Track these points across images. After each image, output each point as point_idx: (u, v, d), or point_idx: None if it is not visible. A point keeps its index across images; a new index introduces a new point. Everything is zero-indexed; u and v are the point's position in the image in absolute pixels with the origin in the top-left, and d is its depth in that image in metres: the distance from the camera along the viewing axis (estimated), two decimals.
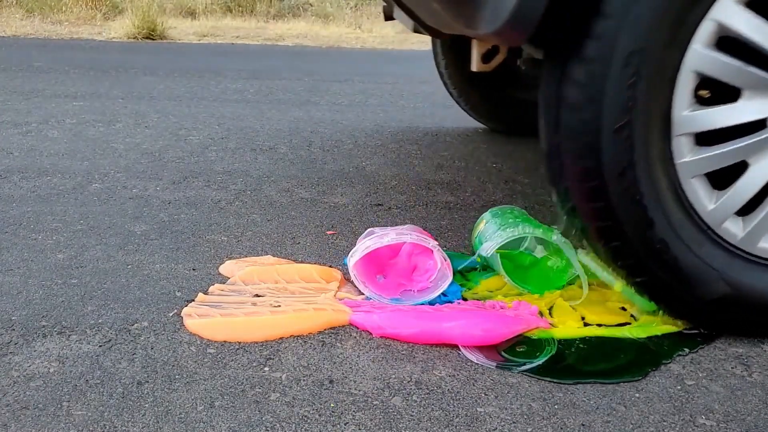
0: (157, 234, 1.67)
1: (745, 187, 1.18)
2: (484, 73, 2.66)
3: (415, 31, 1.78)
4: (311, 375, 1.09)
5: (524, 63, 2.08)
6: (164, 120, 3.00)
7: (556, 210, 1.93)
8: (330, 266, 1.50)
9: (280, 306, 1.28)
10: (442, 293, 1.33)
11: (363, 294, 1.33)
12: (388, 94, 3.91)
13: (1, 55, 4.95)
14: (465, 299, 1.35)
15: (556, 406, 1.03)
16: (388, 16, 2.54)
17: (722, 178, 1.20)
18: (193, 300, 1.32)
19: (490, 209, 1.54)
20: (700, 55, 1.12)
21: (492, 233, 1.40)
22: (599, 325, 1.27)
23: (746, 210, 1.21)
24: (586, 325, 1.27)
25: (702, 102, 1.18)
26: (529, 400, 1.04)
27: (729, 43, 1.13)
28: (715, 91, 1.19)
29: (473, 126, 3.09)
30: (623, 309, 1.32)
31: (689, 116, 1.15)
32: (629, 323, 1.27)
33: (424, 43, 7.15)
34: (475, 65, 1.43)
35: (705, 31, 1.12)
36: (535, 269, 1.45)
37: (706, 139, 1.19)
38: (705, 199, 1.20)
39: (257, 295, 1.34)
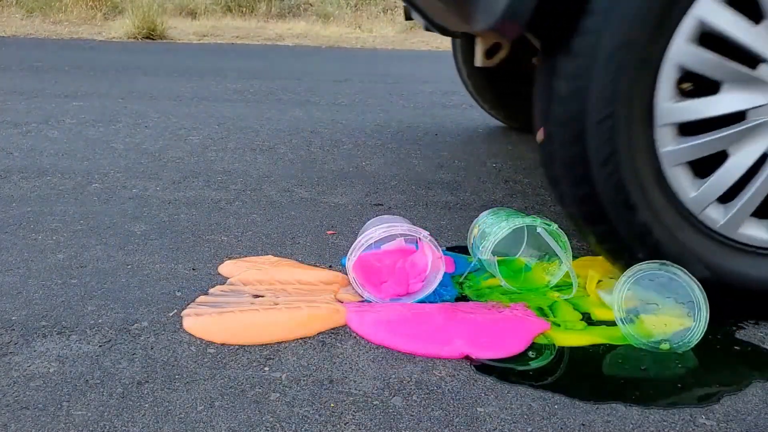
0: (157, 234, 1.67)
1: (725, 175, 1.24)
2: (497, 70, 2.79)
3: (426, 29, 1.86)
4: (311, 375, 1.09)
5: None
6: (164, 120, 3.00)
7: (556, 209, 1.93)
8: (330, 266, 1.50)
9: (279, 307, 1.29)
10: (438, 294, 1.33)
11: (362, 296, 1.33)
12: (388, 94, 3.91)
13: (1, 55, 4.95)
14: (464, 296, 1.35)
15: (556, 406, 1.03)
16: (408, 16, 2.64)
17: (704, 167, 1.26)
18: (194, 301, 1.32)
19: (482, 213, 1.54)
20: (683, 50, 1.18)
21: (490, 229, 1.40)
22: (603, 323, 1.26)
23: (727, 197, 1.26)
24: (590, 323, 1.27)
25: (684, 94, 1.24)
26: (529, 400, 1.04)
27: (710, 38, 1.19)
28: (697, 84, 1.26)
29: (473, 126, 3.09)
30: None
31: (672, 107, 1.21)
32: (634, 321, 1.26)
33: (424, 42, 7.15)
34: (478, 61, 1.49)
35: (687, 27, 1.17)
36: (529, 273, 1.45)
37: (688, 129, 1.24)
38: (687, 187, 1.25)
39: (257, 296, 1.34)
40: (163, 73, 4.31)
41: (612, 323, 1.25)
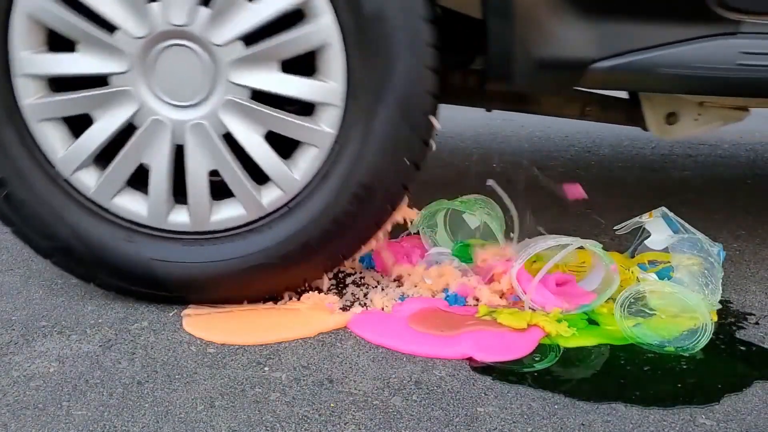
0: None
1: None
2: None
3: None
4: (311, 375, 1.09)
5: None
6: None
7: (559, 209, 1.93)
8: None
9: (278, 307, 1.29)
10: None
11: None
12: None
13: None
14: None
15: (556, 406, 1.03)
16: None
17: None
18: None
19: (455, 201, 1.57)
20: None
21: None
22: (606, 323, 1.25)
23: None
24: (591, 322, 1.26)
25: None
26: (529, 400, 1.04)
27: None
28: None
29: (473, 126, 3.09)
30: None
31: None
32: (639, 323, 1.24)
33: None
34: None
35: None
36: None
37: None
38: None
39: None
40: None
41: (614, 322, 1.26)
